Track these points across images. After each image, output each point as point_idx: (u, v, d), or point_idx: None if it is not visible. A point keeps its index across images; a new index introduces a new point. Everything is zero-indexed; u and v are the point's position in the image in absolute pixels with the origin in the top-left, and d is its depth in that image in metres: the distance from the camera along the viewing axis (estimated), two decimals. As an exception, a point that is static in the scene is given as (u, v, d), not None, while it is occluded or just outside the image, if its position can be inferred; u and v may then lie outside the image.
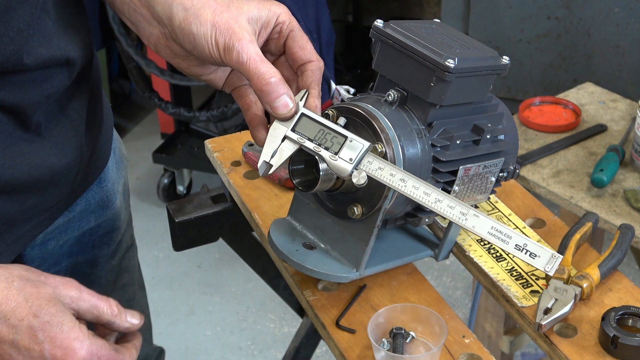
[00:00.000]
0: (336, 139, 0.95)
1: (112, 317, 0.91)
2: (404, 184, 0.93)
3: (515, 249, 0.88)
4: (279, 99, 0.93)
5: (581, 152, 1.91)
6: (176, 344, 2.63)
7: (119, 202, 1.32)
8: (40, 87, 1.00)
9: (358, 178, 0.94)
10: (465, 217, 0.89)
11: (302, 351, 1.80)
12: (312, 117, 0.95)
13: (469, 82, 1.04)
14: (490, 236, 0.89)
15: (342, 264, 1.08)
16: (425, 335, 1.05)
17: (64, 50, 1.01)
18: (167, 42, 0.98)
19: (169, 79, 2.99)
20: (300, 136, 0.95)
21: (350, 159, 0.94)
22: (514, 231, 0.88)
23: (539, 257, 0.87)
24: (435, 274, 2.88)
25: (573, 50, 2.70)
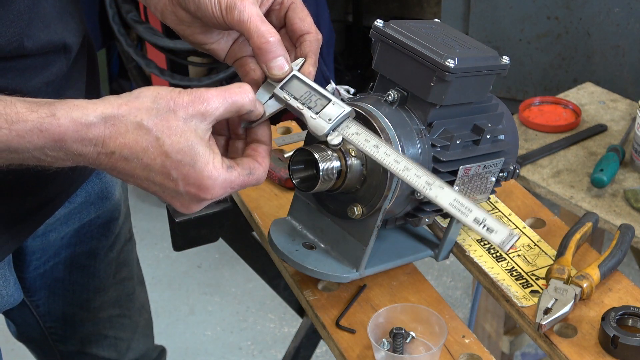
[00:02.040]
0: (320, 101, 0.97)
1: (251, 105, 0.89)
2: (376, 150, 0.94)
3: (474, 222, 0.88)
4: (275, 59, 0.95)
5: (581, 152, 1.91)
6: (176, 344, 2.63)
7: (117, 194, 1.32)
8: (40, 74, 1.00)
9: (333, 137, 0.96)
10: (429, 187, 0.91)
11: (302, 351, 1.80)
12: (302, 79, 0.98)
13: (469, 82, 1.04)
14: (451, 207, 0.90)
15: (342, 264, 1.08)
16: (425, 335, 1.05)
17: (61, 35, 1.02)
18: (173, 8, 0.99)
19: (169, 79, 2.99)
20: (287, 94, 0.98)
21: (330, 119, 0.96)
22: (475, 205, 0.89)
23: (496, 232, 0.88)
24: (435, 274, 2.88)
25: (573, 50, 2.70)
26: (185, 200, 0.87)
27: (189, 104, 0.84)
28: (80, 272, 1.35)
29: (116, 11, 2.91)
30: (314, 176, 1.02)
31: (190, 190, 0.85)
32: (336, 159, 1.01)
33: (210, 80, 2.95)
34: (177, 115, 0.84)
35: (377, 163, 1.01)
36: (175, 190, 0.86)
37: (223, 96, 0.87)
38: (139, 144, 0.82)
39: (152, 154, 0.83)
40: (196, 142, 0.84)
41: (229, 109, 0.87)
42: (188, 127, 0.84)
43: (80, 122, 0.81)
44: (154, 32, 2.92)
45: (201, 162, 0.84)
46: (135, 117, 0.82)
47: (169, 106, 0.84)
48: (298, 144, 1.43)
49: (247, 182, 0.90)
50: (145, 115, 0.83)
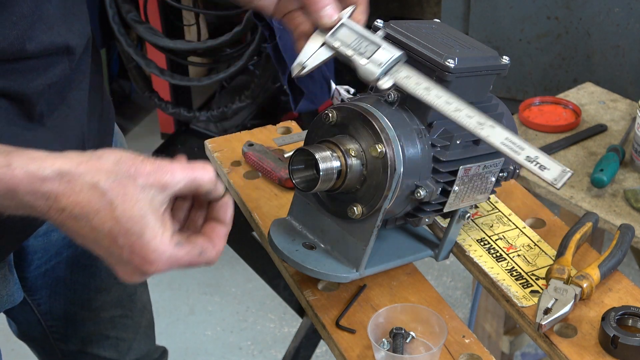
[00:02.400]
0: (370, 47, 1.00)
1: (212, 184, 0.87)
2: (427, 93, 0.96)
3: (526, 160, 0.90)
4: (324, 8, 0.99)
5: (581, 152, 1.91)
6: (176, 344, 2.63)
7: None
8: (42, 76, 1.00)
9: (384, 82, 0.98)
10: (482, 127, 0.93)
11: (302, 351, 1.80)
12: (351, 27, 1.00)
13: (469, 82, 1.04)
14: (503, 146, 0.91)
15: (342, 264, 1.08)
16: (425, 335, 1.05)
17: (64, 37, 1.02)
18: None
19: (169, 79, 2.99)
20: (337, 42, 1.00)
21: (380, 63, 0.98)
22: (527, 143, 0.90)
23: (549, 169, 0.88)
24: (435, 274, 2.88)
25: (573, 50, 2.70)
26: (128, 269, 0.84)
27: (150, 172, 0.83)
28: (82, 272, 1.35)
29: (116, 11, 2.91)
30: (314, 176, 1.03)
31: (134, 260, 0.83)
32: (336, 159, 1.01)
33: (210, 80, 2.95)
34: (136, 183, 0.82)
35: (377, 163, 1.01)
36: (120, 258, 0.83)
37: (186, 171, 0.85)
38: (90, 205, 0.80)
39: (102, 217, 0.81)
40: (148, 213, 0.82)
41: (188, 185, 0.85)
42: (144, 196, 0.82)
43: (36, 175, 0.80)
44: (154, 32, 2.92)
45: (149, 234, 0.82)
46: (92, 178, 0.81)
47: (129, 172, 0.82)
48: (298, 144, 1.43)
49: (195, 261, 0.86)
50: (103, 177, 0.81)
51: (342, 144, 1.02)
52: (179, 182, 0.84)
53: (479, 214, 1.26)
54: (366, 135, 1.02)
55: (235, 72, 2.85)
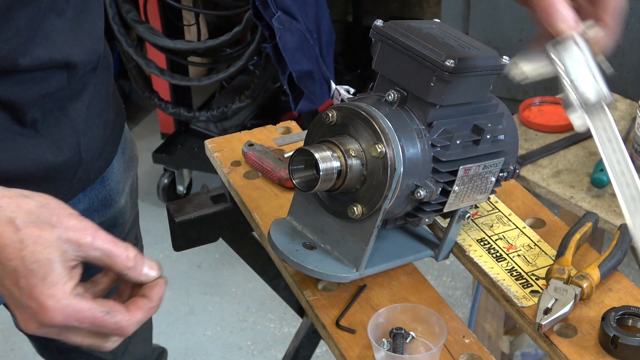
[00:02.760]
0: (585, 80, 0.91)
1: (126, 269, 0.85)
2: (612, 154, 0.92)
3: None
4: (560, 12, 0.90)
5: (581, 152, 1.91)
6: (176, 344, 2.63)
7: (123, 202, 1.32)
8: (37, 87, 1.00)
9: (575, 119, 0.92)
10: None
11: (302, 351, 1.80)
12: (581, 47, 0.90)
13: (469, 82, 1.04)
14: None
15: (342, 264, 1.08)
16: (425, 335, 1.05)
17: (66, 53, 1.01)
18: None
19: (169, 79, 2.99)
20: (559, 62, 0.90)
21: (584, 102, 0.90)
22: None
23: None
24: (435, 274, 2.88)
25: (573, 50, 2.70)
26: (26, 315, 0.81)
27: (71, 228, 0.81)
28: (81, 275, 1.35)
29: (116, 11, 2.91)
30: (314, 176, 1.03)
31: (32, 305, 0.80)
32: (336, 159, 1.01)
33: (210, 80, 2.95)
34: (53, 231, 0.80)
35: (377, 163, 1.01)
36: (19, 301, 0.81)
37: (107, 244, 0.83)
38: (1, 239, 0.79)
39: (9, 253, 0.79)
40: (57, 260, 0.80)
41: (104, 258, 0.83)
42: (57, 245, 0.80)
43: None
44: (154, 32, 2.92)
45: (51, 280, 0.79)
46: (11, 213, 0.80)
47: (51, 220, 0.81)
48: (298, 144, 1.43)
49: (101, 320, 0.82)
50: (22, 215, 0.80)
51: (342, 144, 1.02)
52: (96, 250, 0.82)
53: (479, 214, 1.26)
54: (366, 135, 1.02)
55: (235, 72, 2.85)
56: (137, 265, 0.86)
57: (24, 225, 0.79)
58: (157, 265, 0.89)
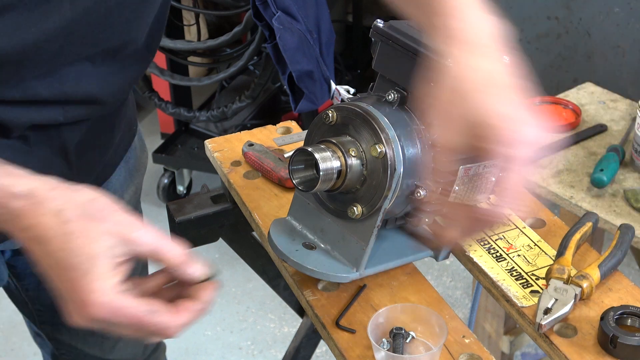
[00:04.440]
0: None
1: (174, 265, 0.84)
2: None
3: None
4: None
5: (581, 152, 1.91)
6: (176, 344, 2.62)
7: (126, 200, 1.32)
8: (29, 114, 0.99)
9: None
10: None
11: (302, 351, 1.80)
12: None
13: (469, 82, 1.04)
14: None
15: (342, 264, 1.08)
16: (425, 335, 1.05)
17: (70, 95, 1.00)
18: None
19: (169, 79, 2.99)
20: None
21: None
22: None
23: None
24: (435, 274, 2.88)
25: (573, 50, 2.70)
26: (69, 307, 0.81)
27: (119, 223, 0.81)
28: None
29: (116, 11, 2.91)
30: (314, 176, 1.02)
31: (74, 298, 0.80)
32: (336, 159, 1.01)
33: (210, 80, 2.95)
34: (102, 225, 0.80)
35: (377, 163, 1.01)
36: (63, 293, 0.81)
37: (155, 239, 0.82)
38: (49, 230, 0.79)
39: (56, 245, 0.79)
40: (102, 255, 0.79)
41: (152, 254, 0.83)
42: (103, 239, 0.79)
43: (7, 189, 0.79)
44: (154, 32, 2.92)
45: (94, 275, 0.79)
46: (60, 205, 0.79)
47: (99, 214, 0.80)
48: (298, 144, 1.43)
49: (146, 319, 0.81)
50: (71, 207, 0.80)
51: (342, 144, 1.02)
52: (144, 245, 0.82)
53: (479, 214, 1.26)
54: (366, 135, 1.02)
55: (235, 72, 2.85)
56: (185, 263, 0.85)
57: (72, 218, 0.79)
58: (207, 266, 0.88)
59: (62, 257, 0.79)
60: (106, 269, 0.79)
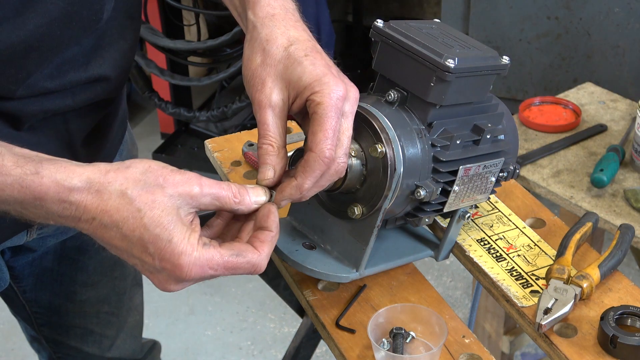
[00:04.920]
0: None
1: (235, 204, 0.87)
2: None
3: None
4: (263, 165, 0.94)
5: (581, 152, 1.91)
6: (176, 344, 2.63)
7: None
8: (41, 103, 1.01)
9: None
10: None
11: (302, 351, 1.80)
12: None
13: (469, 82, 1.04)
14: None
15: (342, 264, 1.08)
16: (425, 335, 1.05)
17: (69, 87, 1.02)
18: None
19: (169, 79, 2.99)
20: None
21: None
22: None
23: None
24: (435, 274, 2.88)
25: (573, 50, 2.70)
26: (163, 277, 0.85)
27: (178, 183, 0.83)
28: (69, 265, 1.35)
29: (116, 11, 2.91)
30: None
31: (166, 266, 0.83)
32: (336, 159, 1.01)
33: (210, 80, 2.95)
34: (164, 191, 0.82)
35: (377, 163, 1.01)
36: (153, 266, 0.84)
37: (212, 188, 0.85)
38: (119, 213, 0.81)
39: (131, 224, 0.81)
40: (176, 220, 0.82)
41: (213, 203, 0.86)
42: (172, 204, 0.82)
43: (63, 184, 0.80)
44: (154, 32, 2.92)
45: (177, 238, 0.82)
46: (120, 185, 0.81)
47: (158, 181, 0.83)
48: (298, 144, 1.43)
49: (233, 263, 0.85)
50: (131, 184, 0.82)
51: None
52: (205, 196, 0.85)
53: (479, 214, 1.26)
54: (366, 135, 1.02)
55: (235, 72, 2.85)
56: (243, 197, 0.88)
57: (136, 194, 0.81)
58: (262, 189, 0.91)
59: (141, 233, 0.81)
60: (184, 229, 0.82)
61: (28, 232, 1.18)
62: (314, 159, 0.91)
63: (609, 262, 1.12)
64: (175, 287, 0.85)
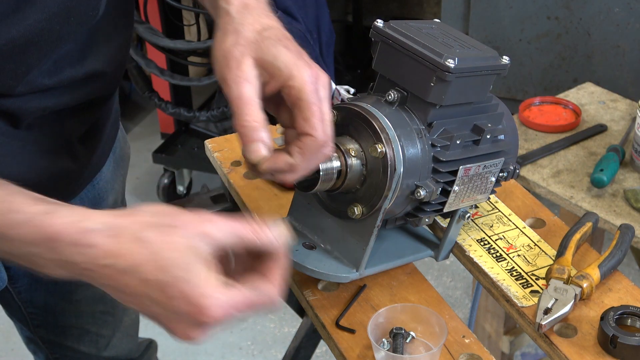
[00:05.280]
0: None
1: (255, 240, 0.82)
2: None
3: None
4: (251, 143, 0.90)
5: (581, 152, 1.91)
6: (176, 344, 2.62)
7: (112, 200, 1.33)
8: (39, 101, 1.01)
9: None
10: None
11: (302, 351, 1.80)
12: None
13: (469, 82, 1.04)
14: None
15: (342, 264, 1.08)
16: (425, 335, 1.05)
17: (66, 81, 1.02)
18: None
19: (169, 79, 2.99)
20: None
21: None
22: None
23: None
24: (435, 274, 2.88)
25: (573, 50, 2.70)
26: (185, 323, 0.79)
27: (190, 222, 0.80)
28: None
29: (116, 11, 2.91)
30: (314, 176, 1.02)
31: (189, 309, 0.77)
32: (336, 159, 1.01)
33: (210, 80, 2.95)
34: (177, 232, 0.78)
35: (377, 163, 1.01)
36: (173, 310, 0.78)
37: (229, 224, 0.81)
38: (136, 257, 0.77)
39: (149, 268, 0.77)
40: (195, 260, 0.78)
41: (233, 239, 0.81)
42: (188, 243, 0.78)
43: (79, 225, 0.77)
44: (154, 32, 2.92)
45: (197, 280, 0.77)
46: (135, 229, 0.78)
47: (170, 222, 0.79)
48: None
49: (256, 301, 0.80)
50: (144, 228, 0.78)
51: (342, 144, 1.02)
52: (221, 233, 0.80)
53: (479, 214, 1.26)
54: (366, 135, 1.02)
55: (235, 72, 2.85)
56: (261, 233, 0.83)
57: (152, 237, 0.78)
58: (277, 221, 0.86)
59: (160, 276, 0.77)
60: (204, 269, 0.78)
61: None
62: (312, 141, 0.90)
63: (609, 262, 1.12)
64: (198, 334, 0.80)
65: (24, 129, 1.02)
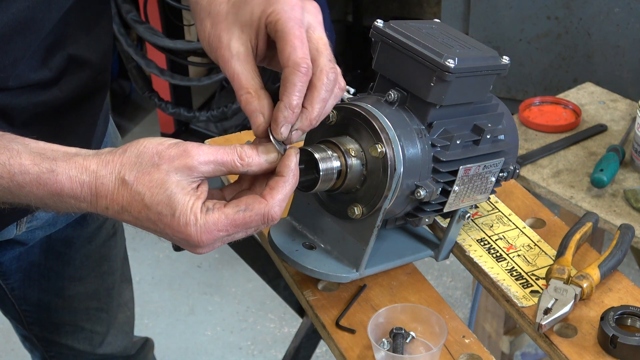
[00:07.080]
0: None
1: (243, 166, 0.87)
2: None
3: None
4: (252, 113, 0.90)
5: (581, 152, 1.91)
6: (176, 344, 2.63)
7: None
8: (29, 97, 1.02)
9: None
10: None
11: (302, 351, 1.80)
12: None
13: (469, 82, 1.04)
14: None
15: (342, 264, 1.08)
16: (425, 335, 1.05)
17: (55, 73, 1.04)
18: None
19: (169, 79, 2.99)
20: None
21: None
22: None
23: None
24: (435, 274, 2.88)
25: (573, 50, 2.70)
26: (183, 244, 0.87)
27: (174, 157, 0.84)
28: (56, 259, 1.35)
29: (116, 11, 2.91)
30: (314, 176, 1.03)
31: (180, 237, 0.85)
32: (336, 159, 1.01)
33: (210, 80, 2.95)
34: (160, 169, 0.84)
35: (377, 163, 1.01)
36: (171, 237, 0.86)
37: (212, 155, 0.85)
38: (124, 199, 0.84)
39: (136, 208, 0.84)
40: (176, 192, 0.83)
41: (219, 169, 0.86)
42: (169, 178, 0.84)
43: (76, 180, 0.84)
44: (154, 32, 2.92)
45: (179, 211, 0.83)
46: (118, 173, 0.84)
47: (153, 161, 0.84)
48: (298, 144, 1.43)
49: (241, 219, 0.85)
50: (127, 170, 0.84)
51: (342, 144, 1.02)
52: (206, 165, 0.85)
53: (479, 214, 1.26)
54: (366, 135, 1.02)
55: (235, 72, 2.85)
56: (252, 158, 0.87)
57: (133, 178, 0.84)
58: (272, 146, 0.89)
59: (147, 214, 0.84)
60: (185, 201, 0.83)
61: (17, 226, 1.19)
62: (289, 72, 0.88)
63: (609, 262, 1.12)
64: (199, 252, 0.87)
65: (19, 127, 1.02)
